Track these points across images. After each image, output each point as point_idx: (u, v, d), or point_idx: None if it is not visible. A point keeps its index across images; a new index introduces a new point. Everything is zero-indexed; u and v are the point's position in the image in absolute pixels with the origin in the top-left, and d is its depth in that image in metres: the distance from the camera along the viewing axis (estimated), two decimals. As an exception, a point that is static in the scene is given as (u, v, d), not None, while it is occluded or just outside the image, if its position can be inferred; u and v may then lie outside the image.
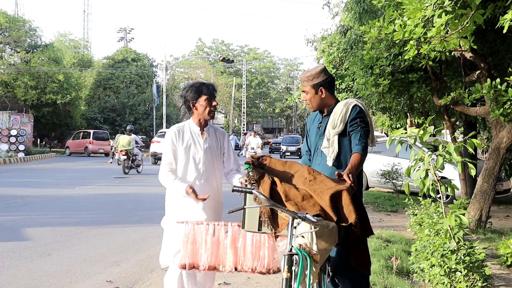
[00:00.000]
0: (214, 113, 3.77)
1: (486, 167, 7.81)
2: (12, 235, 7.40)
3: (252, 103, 70.38)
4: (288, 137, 42.28)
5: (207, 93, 3.71)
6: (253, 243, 3.49)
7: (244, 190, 2.88)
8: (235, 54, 70.08)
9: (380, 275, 5.13)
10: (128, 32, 57.21)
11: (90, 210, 10.11)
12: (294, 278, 2.55)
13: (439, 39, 4.83)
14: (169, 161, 3.72)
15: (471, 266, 4.17)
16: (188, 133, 3.77)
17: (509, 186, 12.46)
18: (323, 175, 3.08)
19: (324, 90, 3.60)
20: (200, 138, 3.77)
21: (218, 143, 3.87)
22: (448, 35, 4.74)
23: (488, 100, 6.58)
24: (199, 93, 3.70)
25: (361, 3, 9.38)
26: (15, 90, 35.53)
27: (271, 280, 5.09)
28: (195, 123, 3.80)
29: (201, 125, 3.79)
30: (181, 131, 3.76)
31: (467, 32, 4.64)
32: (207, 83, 3.79)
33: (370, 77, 8.05)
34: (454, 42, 4.85)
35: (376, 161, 13.43)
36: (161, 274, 5.51)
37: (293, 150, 36.97)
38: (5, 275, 5.35)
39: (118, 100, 42.83)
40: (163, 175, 3.72)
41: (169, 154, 3.72)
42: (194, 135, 3.77)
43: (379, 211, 10.32)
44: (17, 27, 36.25)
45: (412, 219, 6.65)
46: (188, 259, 3.55)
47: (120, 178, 17.57)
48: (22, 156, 26.85)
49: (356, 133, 3.47)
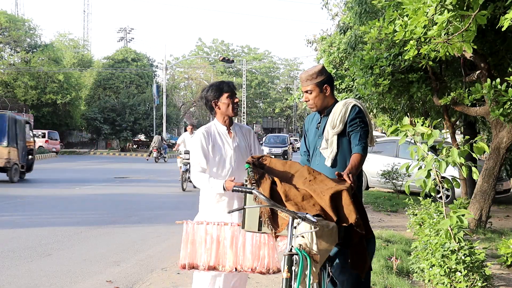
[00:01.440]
0: (237, 109, 3.76)
1: (486, 167, 7.81)
2: (12, 235, 7.41)
3: (252, 103, 70.36)
4: (272, 137, 34.22)
5: (228, 90, 3.70)
6: (253, 243, 3.49)
7: (244, 190, 2.88)
8: (235, 54, 70.06)
9: (380, 275, 5.13)
10: (128, 32, 57.19)
11: (90, 210, 10.11)
12: (294, 278, 2.55)
13: (442, 41, 4.82)
14: (199, 162, 3.67)
15: (471, 266, 4.17)
16: (216, 133, 3.74)
17: (509, 186, 12.46)
18: (323, 175, 3.08)
19: (328, 87, 3.58)
20: (228, 138, 3.75)
21: (246, 141, 3.85)
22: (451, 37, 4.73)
23: (488, 100, 6.58)
24: (220, 91, 3.69)
25: (362, 4, 9.37)
26: (15, 90, 35.53)
27: (271, 280, 5.09)
28: (220, 123, 3.77)
29: (226, 124, 3.77)
30: (209, 132, 3.73)
31: (470, 37, 4.63)
32: (227, 81, 3.79)
33: (370, 77, 8.04)
34: (457, 46, 4.84)
35: (376, 161, 13.43)
36: (161, 274, 5.51)
37: (278, 153, 29.13)
38: (5, 275, 5.35)
39: (118, 100, 42.78)
40: (197, 176, 3.66)
41: (199, 155, 3.67)
42: (222, 135, 3.75)
43: (379, 211, 10.32)
44: (17, 26, 36.24)
45: (412, 219, 6.65)
46: (187, 259, 3.55)
47: (120, 178, 17.58)
48: (22, 156, 26.80)
49: (355, 133, 3.46)
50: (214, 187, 3.53)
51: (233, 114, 3.74)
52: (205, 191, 3.70)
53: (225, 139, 3.74)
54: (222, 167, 3.68)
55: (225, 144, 3.72)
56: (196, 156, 3.69)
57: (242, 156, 3.74)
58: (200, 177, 3.63)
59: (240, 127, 3.90)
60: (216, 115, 3.77)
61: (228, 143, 3.73)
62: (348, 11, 10.65)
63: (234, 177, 3.50)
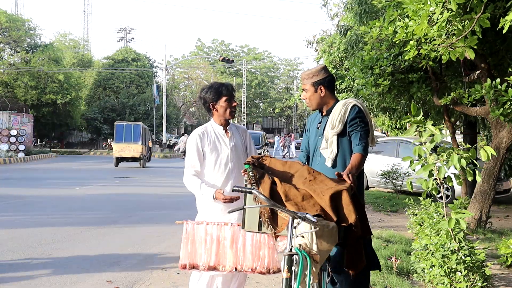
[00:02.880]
0: (235, 113, 3.78)
1: (486, 167, 7.81)
2: (12, 235, 7.40)
3: (252, 103, 70.36)
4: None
5: (227, 94, 3.70)
6: (253, 243, 3.49)
7: (244, 190, 2.88)
8: (235, 54, 70.07)
9: (380, 275, 5.13)
10: (128, 32, 57.21)
11: (90, 210, 10.11)
12: (294, 278, 2.55)
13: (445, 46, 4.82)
14: (193, 164, 3.67)
15: (471, 266, 4.17)
16: (213, 134, 3.75)
17: (509, 186, 12.46)
18: (323, 175, 3.08)
19: (323, 88, 3.59)
20: (225, 138, 3.75)
21: (242, 140, 3.86)
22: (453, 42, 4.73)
23: (488, 100, 6.58)
24: (218, 94, 3.69)
25: (362, 5, 9.37)
26: (15, 90, 35.51)
27: (271, 280, 5.09)
28: (217, 124, 3.78)
29: (223, 125, 3.79)
30: (205, 133, 3.74)
31: (473, 42, 4.62)
32: (226, 83, 3.78)
33: (370, 77, 8.05)
34: (459, 51, 4.84)
35: (376, 161, 13.43)
36: (161, 274, 5.51)
37: None
38: (5, 275, 5.35)
39: (118, 100, 42.82)
40: (189, 179, 3.67)
41: (193, 157, 3.68)
42: (219, 135, 3.75)
43: (379, 211, 10.32)
44: (17, 26, 36.23)
45: (412, 219, 6.64)
46: (188, 259, 3.54)
47: (120, 178, 17.58)
48: (22, 156, 26.85)
49: (356, 133, 3.46)
50: (205, 195, 3.56)
51: (230, 117, 3.76)
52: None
53: (222, 139, 3.74)
54: (219, 167, 3.68)
55: (222, 144, 3.73)
56: (191, 158, 3.69)
57: (239, 156, 3.75)
58: (193, 181, 3.64)
59: (237, 127, 3.92)
60: (214, 116, 3.79)
61: (225, 143, 3.74)
62: (348, 12, 10.65)
63: (223, 190, 3.55)
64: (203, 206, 3.71)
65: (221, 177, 3.66)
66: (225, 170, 3.68)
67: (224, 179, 3.67)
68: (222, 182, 3.66)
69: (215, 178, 3.67)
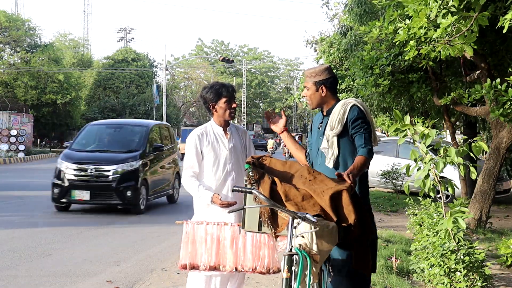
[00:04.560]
0: (234, 114, 3.77)
1: (486, 167, 7.81)
2: (12, 235, 7.40)
3: (252, 103, 70.33)
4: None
5: (227, 95, 3.69)
6: (253, 243, 3.50)
7: (244, 190, 2.88)
8: (234, 54, 70.06)
9: (380, 275, 5.13)
10: (128, 32, 57.19)
11: (90, 210, 10.10)
12: (294, 278, 2.55)
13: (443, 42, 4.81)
14: (191, 165, 3.68)
15: (471, 266, 4.17)
16: (212, 134, 3.74)
17: (509, 186, 12.46)
18: (323, 175, 3.08)
19: (325, 88, 3.57)
20: (224, 138, 3.75)
21: (242, 142, 3.86)
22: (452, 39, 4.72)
23: (488, 100, 6.58)
24: (218, 95, 3.69)
25: (362, 5, 9.37)
26: (15, 90, 35.49)
27: (271, 280, 5.09)
28: (217, 124, 3.78)
29: (222, 126, 3.78)
30: (204, 133, 3.73)
31: (472, 39, 4.62)
32: (227, 84, 3.77)
33: (370, 77, 8.04)
34: (458, 47, 4.83)
35: (376, 161, 13.43)
36: (161, 274, 5.52)
37: None
38: (5, 275, 5.35)
39: (118, 100, 42.80)
40: (187, 181, 3.67)
41: (191, 158, 3.68)
42: (218, 136, 3.75)
43: (379, 211, 10.33)
44: (17, 26, 36.22)
45: (412, 219, 6.64)
46: (188, 259, 3.54)
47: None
48: (22, 156, 26.82)
49: (359, 135, 3.39)
50: (203, 197, 3.56)
51: (229, 119, 3.76)
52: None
53: (221, 140, 3.74)
54: (217, 168, 3.68)
55: (221, 145, 3.73)
56: (189, 159, 3.69)
57: (238, 157, 3.75)
58: (191, 183, 3.64)
59: (237, 128, 3.91)
60: (213, 116, 3.78)
61: (224, 144, 3.73)
62: (348, 13, 10.64)
63: (229, 180, 3.56)
64: (200, 207, 3.71)
65: (219, 178, 3.66)
66: (223, 171, 3.68)
67: (222, 180, 3.67)
68: (220, 183, 3.66)
69: (213, 179, 3.67)
